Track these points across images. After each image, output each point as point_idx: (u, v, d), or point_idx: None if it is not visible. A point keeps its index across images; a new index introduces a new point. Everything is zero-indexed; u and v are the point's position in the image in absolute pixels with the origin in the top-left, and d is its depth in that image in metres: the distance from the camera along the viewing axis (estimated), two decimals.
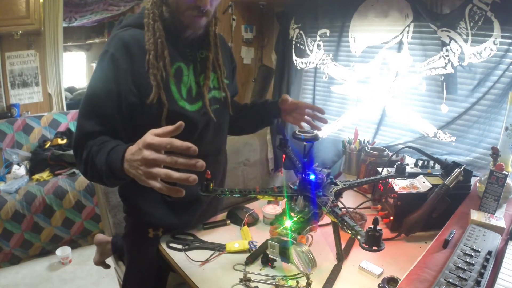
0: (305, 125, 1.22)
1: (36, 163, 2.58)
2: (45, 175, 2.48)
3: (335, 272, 0.90)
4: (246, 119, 1.28)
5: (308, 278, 0.83)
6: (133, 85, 0.91)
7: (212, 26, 1.04)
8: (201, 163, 0.63)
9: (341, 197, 1.00)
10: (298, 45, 2.03)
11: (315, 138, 0.98)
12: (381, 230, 0.71)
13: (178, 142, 0.64)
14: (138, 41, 0.93)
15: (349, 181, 1.02)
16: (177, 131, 0.66)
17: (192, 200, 1.07)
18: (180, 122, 0.65)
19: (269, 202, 1.20)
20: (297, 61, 2.05)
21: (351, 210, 1.17)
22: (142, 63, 0.92)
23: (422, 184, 1.13)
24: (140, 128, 0.85)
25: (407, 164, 1.20)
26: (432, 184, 1.10)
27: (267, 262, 0.93)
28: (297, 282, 0.84)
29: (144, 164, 0.67)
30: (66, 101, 3.51)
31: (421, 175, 1.18)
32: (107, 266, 1.50)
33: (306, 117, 1.20)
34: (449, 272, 0.69)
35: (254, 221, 1.16)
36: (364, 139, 1.69)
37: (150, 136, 0.67)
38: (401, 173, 1.10)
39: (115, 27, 1.03)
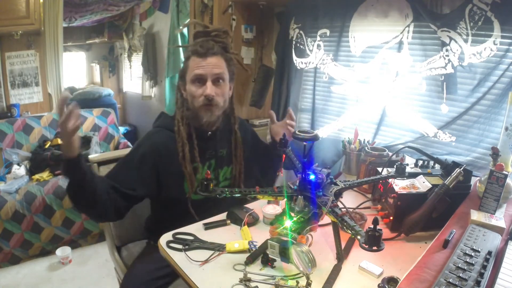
0: (305, 125, 1.26)
1: (36, 163, 2.57)
2: (45, 175, 2.47)
3: (335, 272, 0.90)
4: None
5: (308, 278, 0.83)
6: (154, 177, 1.21)
7: (235, 125, 1.32)
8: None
9: (341, 197, 1.00)
10: (298, 45, 2.03)
11: (315, 138, 0.97)
12: (381, 230, 0.71)
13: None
14: (165, 144, 1.23)
15: (349, 181, 1.02)
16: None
17: None
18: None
19: (269, 202, 1.20)
20: (297, 61, 2.05)
21: (351, 210, 1.17)
22: (165, 161, 1.21)
23: (422, 184, 1.13)
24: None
25: (407, 164, 1.20)
26: (432, 184, 1.10)
27: (267, 262, 0.93)
28: (297, 282, 0.84)
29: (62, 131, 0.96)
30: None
31: (421, 175, 1.17)
32: None
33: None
34: (449, 272, 0.69)
35: (254, 221, 1.16)
36: (364, 139, 1.69)
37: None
38: (401, 173, 1.09)
39: (154, 122, 1.34)
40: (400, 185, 1.12)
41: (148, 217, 1.43)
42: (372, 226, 0.71)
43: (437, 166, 1.25)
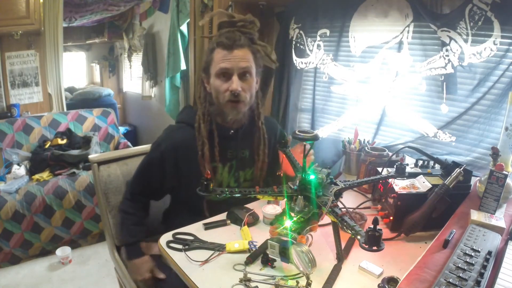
0: (305, 125, 1.26)
1: (36, 163, 2.57)
2: (45, 175, 2.48)
3: (335, 272, 0.90)
4: None
5: (308, 278, 0.83)
6: (176, 174, 1.22)
7: (259, 121, 1.25)
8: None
9: (341, 197, 1.00)
10: (298, 45, 2.03)
11: (315, 138, 0.97)
12: (381, 230, 0.71)
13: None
14: (185, 142, 1.20)
15: (349, 181, 1.02)
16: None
17: None
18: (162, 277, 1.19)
19: (269, 202, 1.20)
20: (297, 61, 2.05)
21: (351, 210, 1.17)
22: (185, 159, 1.21)
23: (422, 184, 1.13)
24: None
25: (407, 164, 1.20)
26: (432, 184, 1.10)
27: (267, 262, 0.93)
28: (297, 282, 0.84)
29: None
30: (66, 101, 3.51)
31: (421, 175, 1.17)
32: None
33: None
34: (449, 272, 0.69)
35: (254, 221, 1.16)
36: (364, 139, 1.69)
37: (148, 275, 1.21)
38: (401, 173, 1.09)
39: (178, 115, 1.33)
40: (400, 185, 1.12)
41: (166, 211, 1.43)
42: (372, 226, 0.71)
43: (437, 166, 1.25)
